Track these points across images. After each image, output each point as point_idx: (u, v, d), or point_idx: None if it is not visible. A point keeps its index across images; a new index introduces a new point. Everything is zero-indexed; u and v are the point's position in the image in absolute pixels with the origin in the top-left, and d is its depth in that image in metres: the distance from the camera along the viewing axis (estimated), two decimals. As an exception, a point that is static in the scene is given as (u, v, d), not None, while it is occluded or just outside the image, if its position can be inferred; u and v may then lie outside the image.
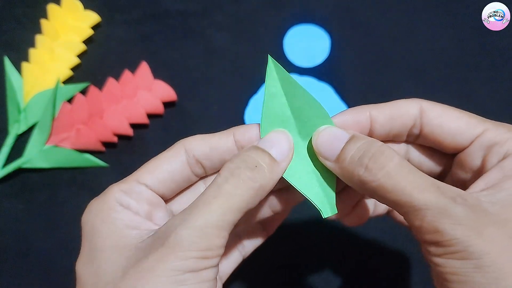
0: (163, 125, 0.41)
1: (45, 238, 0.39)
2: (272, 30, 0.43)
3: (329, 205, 0.23)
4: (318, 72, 0.42)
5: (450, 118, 0.22)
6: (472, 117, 0.22)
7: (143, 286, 0.18)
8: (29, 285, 0.38)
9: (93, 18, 0.43)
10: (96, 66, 0.43)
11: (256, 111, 0.41)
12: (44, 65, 0.41)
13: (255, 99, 0.41)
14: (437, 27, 0.43)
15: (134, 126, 0.41)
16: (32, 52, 0.42)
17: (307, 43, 0.43)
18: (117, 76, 0.41)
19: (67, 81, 0.42)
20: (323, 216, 0.23)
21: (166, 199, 0.23)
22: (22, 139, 0.41)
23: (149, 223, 0.21)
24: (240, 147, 0.22)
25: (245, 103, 0.41)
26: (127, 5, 0.44)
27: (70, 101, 0.41)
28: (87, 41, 0.43)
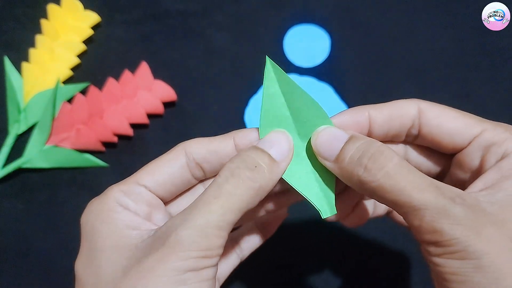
0: (163, 125, 0.41)
1: (45, 238, 0.39)
2: (272, 30, 0.43)
3: (328, 205, 0.23)
4: (318, 72, 0.42)
5: (448, 118, 0.22)
6: (470, 117, 0.22)
7: (144, 286, 0.18)
8: (29, 285, 0.38)
9: (93, 18, 0.43)
10: (96, 66, 0.43)
11: (256, 111, 0.41)
12: (44, 65, 0.41)
13: (255, 99, 0.41)
14: (437, 27, 0.43)
15: (134, 126, 0.41)
16: (32, 52, 0.42)
17: (307, 43, 0.43)
18: (117, 76, 0.41)
19: (67, 81, 0.42)
20: (322, 217, 0.23)
21: (165, 201, 0.23)
22: (22, 139, 0.41)
23: (149, 223, 0.21)
24: (239, 151, 0.22)
25: (245, 103, 0.41)
26: (127, 5, 0.44)
27: (70, 101, 0.41)
28: (87, 41, 0.43)
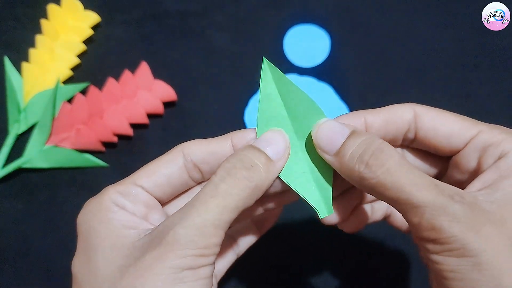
0: (163, 125, 0.41)
1: (45, 238, 0.39)
2: (272, 30, 0.43)
3: (326, 205, 0.23)
4: (318, 72, 0.42)
5: (444, 121, 0.22)
6: (465, 120, 0.22)
7: (142, 284, 0.18)
8: (29, 285, 0.38)
9: (93, 18, 0.43)
10: (96, 66, 0.43)
11: (256, 111, 0.41)
12: (44, 65, 0.41)
13: (255, 99, 0.41)
14: (437, 27, 0.43)
15: (134, 126, 0.41)
16: (32, 52, 0.42)
17: (307, 43, 0.43)
18: (117, 76, 0.41)
19: (67, 81, 0.42)
20: (320, 217, 0.23)
21: (162, 203, 0.23)
22: (22, 139, 0.41)
23: (146, 223, 0.21)
24: (236, 150, 0.22)
25: (245, 103, 0.41)
26: (127, 5, 0.44)
27: (70, 101, 0.41)
28: (87, 41, 0.43)
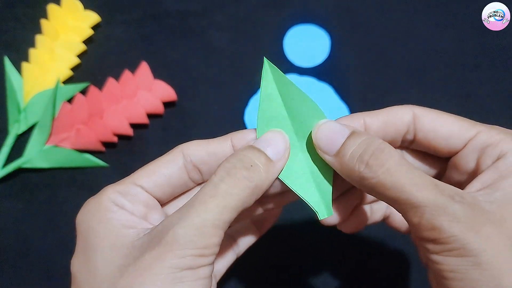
0: (163, 125, 0.41)
1: (45, 238, 0.39)
2: (272, 30, 0.43)
3: (325, 207, 0.23)
4: (318, 72, 0.42)
5: (443, 122, 0.22)
6: (464, 121, 0.22)
7: (141, 284, 0.18)
8: (29, 285, 0.38)
9: (93, 18, 0.43)
10: (96, 66, 0.43)
11: (256, 111, 0.41)
12: (44, 65, 0.41)
13: (255, 99, 0.41)
14: (437, 27, 0.43)
15: (134, 126, 0.41)
16: (32, 52, 0.42)
17: (307, 43, 0.43)
18: (117, 76, 0.41)
19: (67, 81, 0.42)
20: (319, 218, 0.23)
21: (162, 203, 0.23)
22: (22, 139, 0.41)
23: (145, 223, 0.21)
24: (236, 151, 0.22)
25: (245, 103, 0.41)
26: (127, 5, 0.44)
27: (70, 101, 0.41)
28: (87, 41, 0.43)
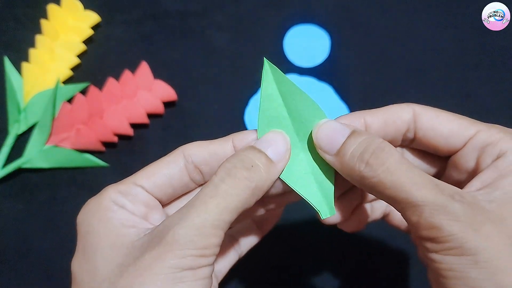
0: (163, 125, 0.41)
1: (45, 238, 0.39)
2: (272, 30, 0.43)
3: (328, 206, 0.23)
4: (318, 72, 0.42)
5: (443, 121, 0.22)
6: (464, 120, 0.22)
7: (141, 284, 0.18)
8: (29, 285, 0.38)
9: (93, 18, 0.43)
10: (96, 66, 0.43)
11: (256, 111, 0.41)
12: (44, 65, 0.41)
13: (255, 99, 0.41)
14: (437, 27, 0.43)
15: (134, 126, 0.41)
16: (32, 52, 0.42)
17: (307, 43, 0.43)
18: (117, 76, 0.41)
19: (67, 81, 0.42)
20: (321, 217, 0.23)
21: (163, 204, 0.23)
22: (22, 139, 0.41)
23: (146, 222, 0.21)
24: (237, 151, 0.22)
25: (245, 103, 0.41)
26: (127, 5, 0.44)
27: (70, 101, 0.41)
28: (87, 41, 0.43)
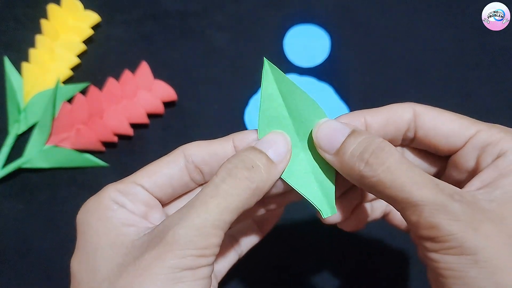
0: (163, 125, 0.41)
1: (45, 238, 0.39)
2: (272, 30, 0.43)
3: (329, 205, 0.23)
4: (318, 72, 0.42)
5: (444, 120, 0.22)
6: (464, 119, 0.22)
7: (141, 283, 0.18)
8: (29, 285, 0.38)
9: (93, 18, 0.43)
10: (96, 66, 0.43)
11: (256, 111, 0.41)
12: (44, 65, 0.41)
13: (255, 99, 0.41)
14: (437, 27, 0.43)
15: (134, 126, 0.41)
16: (32, 52, 0.42)
17: (307, 43, 0.43)
18: (117, 76, 0.41)
19: (67, 81, 0.42)
20: (323, 217, 0.23)
21: (163, 203, 0.23)
22: (22, 139, 0.41)
23: (146, 221, 0.21)
24: (237, 151, 0.22)
25: (245, 103, 0.41)
26: (127, 5, 0.44)
27: (70, 101, 0.41)
28: (87, 41, 0.43)
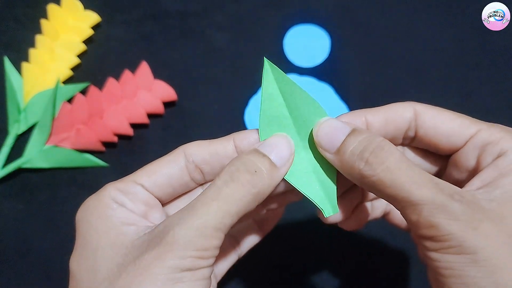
0: (163, 125, 0.41)
1: (45, 238, 0.39)
2: (272, 30, 0.43)
3: (331, 204, 0.23)
4: (318, 72, 0.42)
5: (444, 119, 0.22)
6: (465, 118, 0.22)
7: (140, 283, 0.18)
8: (29, 285, 0.38)
9: (93, 18, 0.43)
10: (96, 66, 0.43)
11: (256, 111, 0.41)
12: (44, 65, 0.41)
13: (255, 99, 0.41)
14: (437, 27, 0.43)
15: (134, 126, 0.41)
16: (32, 52, 0.42)
17: (307, 43, 0.43)
18: (117, 76, 0.41)
19: (67, 81, 0.42)
20: (325, 216, 0.23)
21: (163, 203, 0.23)
22: (22, 139, 0.41)
23: (146, 221, 0.21)
24: (240, 153, 0.22)
25: (245, 103, 0.41)
26: (127, 5, 0.44)
27: (70, 101, 0.41)
28: (87, 41, 0.43)
